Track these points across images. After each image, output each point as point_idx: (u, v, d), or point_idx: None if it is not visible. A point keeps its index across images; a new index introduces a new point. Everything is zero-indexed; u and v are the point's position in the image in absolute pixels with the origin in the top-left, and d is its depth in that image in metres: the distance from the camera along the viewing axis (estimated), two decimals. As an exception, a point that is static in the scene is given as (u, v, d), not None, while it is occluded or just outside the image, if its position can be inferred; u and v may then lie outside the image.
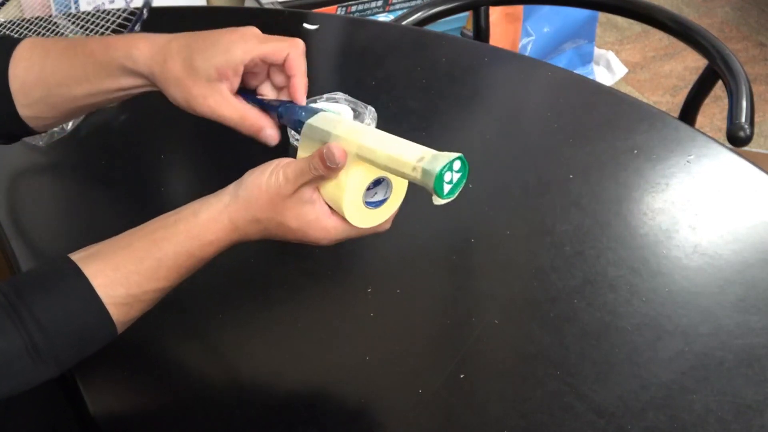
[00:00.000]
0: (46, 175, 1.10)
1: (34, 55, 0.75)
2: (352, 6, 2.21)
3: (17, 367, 0.61)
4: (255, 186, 0.67)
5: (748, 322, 0.85)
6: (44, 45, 0.76)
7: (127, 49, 0.73)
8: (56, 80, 0.75)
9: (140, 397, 0.83)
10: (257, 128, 0.73)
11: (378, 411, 0.80)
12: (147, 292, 0.66)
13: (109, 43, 0.74)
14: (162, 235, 0.67)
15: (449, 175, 0.62)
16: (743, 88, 1.23)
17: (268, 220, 0.67)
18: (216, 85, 0.71)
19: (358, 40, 1.37)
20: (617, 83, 2.63)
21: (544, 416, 0.77)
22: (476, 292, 0.92)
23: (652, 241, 0.95)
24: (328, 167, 0.64)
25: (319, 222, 0.67)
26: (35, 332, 0.61)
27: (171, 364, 0.85)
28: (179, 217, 0.68)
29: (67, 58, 0.75)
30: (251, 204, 0.67)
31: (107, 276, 0.64)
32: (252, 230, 0.68)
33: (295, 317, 0.88)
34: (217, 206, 0.68)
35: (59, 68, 0.75)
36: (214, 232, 0.67)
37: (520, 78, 1.27)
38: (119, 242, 0.67)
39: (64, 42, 0.77)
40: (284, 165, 0.67)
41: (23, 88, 0.75)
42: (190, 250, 0.67)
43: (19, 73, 0.75)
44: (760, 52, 2.75)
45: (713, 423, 0.76)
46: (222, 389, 0.81)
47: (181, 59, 0.71)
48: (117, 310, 0.65)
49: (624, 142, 1.08)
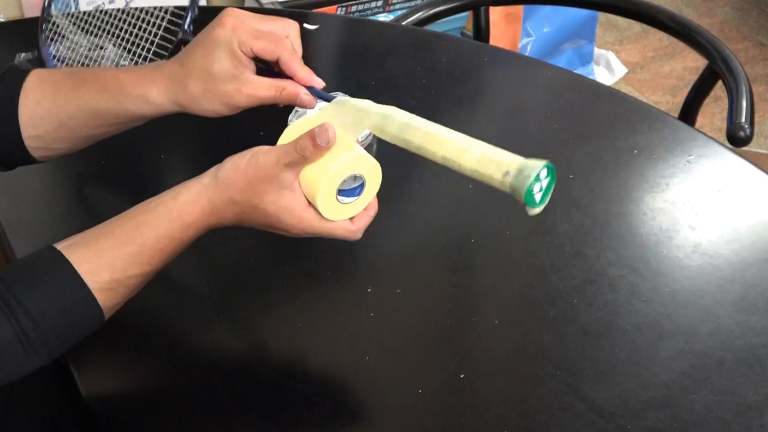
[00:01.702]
0: (45, 174, 1.09)
1: (44, 89, 0.76)
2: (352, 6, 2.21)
3: (9, 356, 0.62)
4: (234, 168, 0.68)
5: (748, 322, 0.85)
6: (54, 79, 0.77)
7: (142, 93, 0.74)
8: (68, 115, 0.75)
9: (140, 395, 0.83)
10: (295, 95, 0.73)
11: (378, 411, 0.80)
12: (130, 277, 0.67)
13: (122, 82, 0.74)
14: (143, 220, 0.68)
15: (538, 186, 0.60)
16: (743, 88, 1.23)
17: (245, 202, 0.68)
18: (241, 77, 0.72)
19: (358, 40, 1.37)
20: (617, 83, 2.63)
21: (544, 416, 0.77)
22: (476, 291, 0.92)
23: (652, 241, 0.95)
24: (317, 146, 0.65)
25: (296, 210, 0.68)
26: (25, 322, 0.62)
27: (171, 363, 0.85)
28: (160, 201, 0.68)
29: (80, 95, 0.75)
30: (230, 185, 0.67)
31: (91, 263, 0.65)
32: (228, 212, 0.69)
33: (295, 317, 0.88)
34: (196, 188, 0.68)
35: (72, 104, 0.75)
36: (193, 213, 0.68)
37: (520, 78, 1.27)
38: (102, 229, 0.68)
39: (75, 77, 0.77)
40: (265, 150, 0.68)
41: (33, 120, 0.76)
42: (170, 234, 0.68)
43: (30, 104, 0.75)
44: (760, 52, 2.76)
45: (713, 423, 0.76)
46: (222, 389, 0.81)
47: (196, 77, 0.72)
48: (103, 296, 0.66)
49: (624, 142, 1.08)
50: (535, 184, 0.60)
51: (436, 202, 1.02)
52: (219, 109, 0.74)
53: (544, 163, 0.60)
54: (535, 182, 0.60)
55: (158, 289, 0.90)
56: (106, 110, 0.75)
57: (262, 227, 0.70)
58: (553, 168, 0.61)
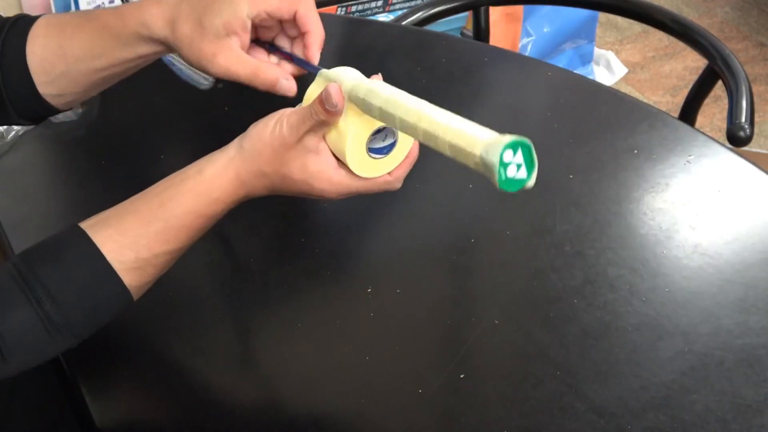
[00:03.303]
0: (45, 174, 1.10)
1: (50, 32, 0.75)
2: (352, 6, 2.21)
3: (32, 338, 0.62)
4: (259, 138, 0.65)
5: (748, 322, 0.85)
6: (59, 21, 0.76)
7: (140, 17, 0.72)
8: (74, 55, 0.74)
9: (140, 397, 0.83)
10: (271, 82, 0.71)
11: (378, 411, 0.80)
12: (158, 255, 0.65)
13: (123, 12, 0.73)
14: (168, 196, 0.66)
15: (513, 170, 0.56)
16: (743, 88, 1.22)
17: (274, 172, 0.65)
18: (225, 42, 0.70)
19: (358, 40, 1.37)
20: (617, 83, 2.62)
21: (544, 416, 0.77)
22: (476, 292, 0.92)
23: (652, 241, 0.95)
24: (328, 111, 0.63)
25: (325, 173, 0.65)
26: (47, 303, 0.61)
27: (171, 364, 0.85)
28: (185, 176, 0.66)
29: (83, 32, 0.74)
30: (256, 157, 0.65)
31: (116, 242, 0.64)
32: (258, 184, 0.67)
33: (295, 317, 0.88)
34: (222, 161, 0.66)
35: (76, 43, 0.74)
36: (220, 188, 0.66)
37: (520, 78, 1.27)
38: (127, 207, 0.66)
39: (79, 16, 0.76)
40: (288, 114, 0.65)
41: (42, 65, 0.74)
42: (197, 209, 0.66)
43: (37, 50, 0.74)
44: (760, 52, 2.75)
45: (713, 423, 0.76)
46: (222, 389, 0.81)
47: (190, 19, 0.70)
48: (129, 276, 0.64)
49: (624, 142, 1.08)
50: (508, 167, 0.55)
51: (436, 202, 1.02)
52: (193, 63, 0.71)
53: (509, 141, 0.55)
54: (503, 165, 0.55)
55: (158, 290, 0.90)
56: (110, 46, 0.73)
57: (296, 195, 0.68)
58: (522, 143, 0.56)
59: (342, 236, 0.98)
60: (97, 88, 0.78)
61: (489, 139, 0.57)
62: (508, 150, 0.55)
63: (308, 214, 1.01)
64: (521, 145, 0.56)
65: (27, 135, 1.11)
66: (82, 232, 0.64)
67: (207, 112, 1.14)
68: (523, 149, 0.56)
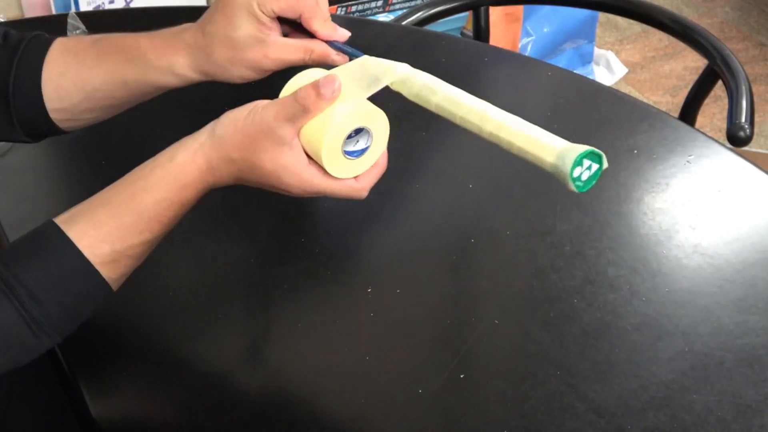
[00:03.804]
0: (45, 174, 1.10)
1: (67, 61, 0.75)
2: (352, 6, 2.21)
3: (15, 337, 0.62)
4: (231, 124, 0.65)
5: (748, 322, 0.85)
6: (77, 49, 0.76)
7: (168, 63, 0.72)
8: (94, 87, 0.75)
9: (140, 397, 0.83)
10: (325, 55, 0.72)
11: (378, 411, 0.80)
12: (132, 247, 0.65)
13: (145, 52, 0.73)
14: (140, 186, 0.66)
15: (579, 170, 0.61)
16: (743, 88, 1.22)
17: (242, 160, 0.65)
18: (266, 40, 0.70)
19: (358, 40, 1.37)
20: (617, 83, 2.63)
21: (544, 416, 0.77)
22: (476, 292, 0.92)
23: (652, 241, 0.95)
24: (321, 96, 0.62)
25: (295, 168, 0.65)
26: (27, 301, 0.61)
27: (171, 364, 0.85)
28: (156, 164, 0.66)
29: (104, 67, 0.74)
30: (226, 142, 0.65)
31: (91, 236, 0.64)
32: (225, 170, 0.66)
33: (295, 317, 0.88)
34: (192, 146, 0.66)
35: (96, 76, 0.74)
36: (190, 174, 0.65)
37: (520, 78, 1.27)
38: (99, 199, 0.66)
39: (97, 47, 0.76)
40: (264, 104, 0.65)
41: (57, 93, 0.75)
42: (168, 197, 0.65)
43: (53, 78, 0.74)
44: (760, 52, 2.75)
45: (713, 423, 0.76)
46: (222, 389, 0.81)
47: (219, 44, 0.70)
48: (106, 268, 0.64)
49: (624, 142, 1.08)
50: (577, 168, 0.61)
51: (436, 202, 1.02)
52: (247, 75, 0.72)
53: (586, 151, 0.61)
54: (576, 166, 0.61)
55: (158, 289, 0.90)
56: (133, 82, 0.74)
57: (261, 186, 0.67)
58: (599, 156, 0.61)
59: (342, 236, 0.98)
60: (111, 114, 0.79)
61: (562, 146, 0.62)
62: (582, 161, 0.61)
63: (308, 214, 1.01)
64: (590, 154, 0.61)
65: (27, 135, 1.11)
66: (58, 229, 0.64)
67: (207, 112, 1.13)
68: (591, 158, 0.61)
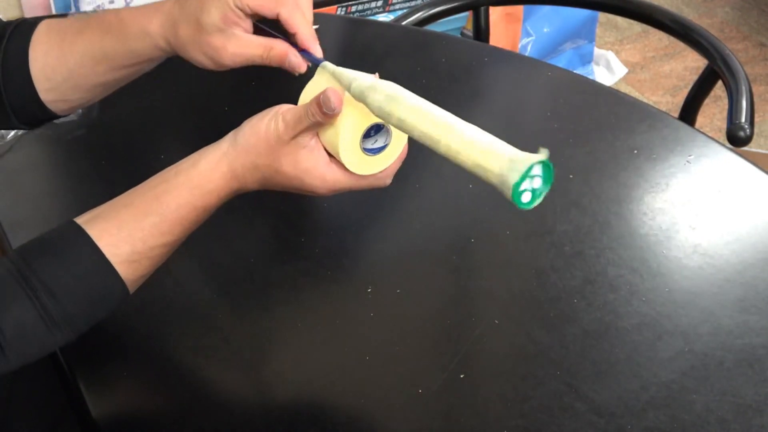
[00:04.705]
0: (45, 174, 1.10)
1: (51, 39, 0.75)
2: (352, 6, 2.21)
3: (31, 332, 0.62)
4: (253, 132, 0.66)
5: (748, 322, 0.85)
6: (60, 27, 0.76)
7: (141, 25, 0.72)
8: (76, 61, 0.75)
9: (140, 397, 0.83)
10: (283, 54, 0.71)
11: (378, 411, 0.80)
12: (153, 248, 0.66)
13: (123, 18, 0.73)
14: (163, 189, 0.67)
15: (527, 184, 0.57)
16: (743, 88, 1.23)
17: (266, 167, 0.66)
18: (230, 32, 0.70)
19: (358, 40, 1.37)
20: (617, 83, 2.63)
21: (544, 416, 0.77)
22: (476, 292, 0.92)
23: (652, 241, 0.95)
24: (325, 113, 0.63)
25: (317, 170, 0.66)
26: (45, 297, 0.62)
27: (171, 364, 0.85)
28: (179, 169, 0.67)
29: (83, 38, 0.74)
30: (249, 150, 0.66)
31: (112, 235, 0.64)
32: (250, 178, 0.67)
33: (295, 317, 0.88)
34: (215, 154, 0.67)
35: (77, 49, 0.74)
36: (214, 181, 0.67)
37: (520, 78, 1.27)
38: (122, 201, 0.67)
39: (79, 21, 0.76)
40: (284, 111, 0.66)
41: (44, 72, 0.75)
42: (191, 202, 0.66)
43: (38, 57, 0.75)
44: (760, 52, 2.75)
45: (713, 423, 0.76)
46: (222, 389, 0.81)
47: (188, 22, 0.70)
48: (125, 269, 0.65)
49: (624, 142, 1.08)
50: (525, 181, 0.56)
51: (436, 202, 1.02)
52: (203, 61, 0.72)
53: (536, 161, 0.56)
54: (523, 179, 0.56)
55: (158, 289, 0.90)
56: (112, 51, 0.74)
57: (287, 190, 0.68)
58: (548, 167, 0.57)
59: (342, 236, 0.98)
60: (99, 94, 0.79)
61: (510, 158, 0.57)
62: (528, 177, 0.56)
63: (308, 213, 1.01)
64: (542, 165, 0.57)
65: (27, 135, 1.11)
66: (78, 227, 0.65)
67: (207, 112, 1.13)
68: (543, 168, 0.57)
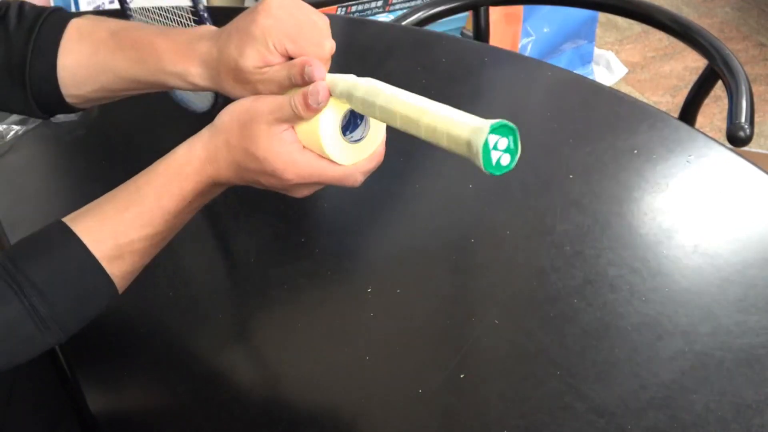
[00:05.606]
0: (45, 174, 1.10)
1: (82, 49, 0.75)
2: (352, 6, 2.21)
3: (22, 333, 0.62)
4: (229, 113, 0.66)
5: (748, 322, 0.85)
6: (92, 39, 0.76)
7: (181, 69, 0.72)
8: (108, 79, 0.75)
9: (140, 397, 0.83)
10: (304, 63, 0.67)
11: (378, 411, 0.80)
12: (134, 241, 0.65)
13: (161, 55, 0.73)
14: (144, 180, 0.67)
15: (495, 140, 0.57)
16: (743, 88, 1.23)
17: (238, 147, 0.65)
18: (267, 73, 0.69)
19: (358, 40, 1.37)
20: (617, 83, 2.63)
21: (544, 416, 0.77)
22: (476, 292, 0.92)
23: (652, 241, 0.95)
24: (309, 107, 0.63)
25: (290, 154, 0.65)
26: (34, 296, 0.61)
27: (171, 363, 0.85)
28: (160, 160, 0.68)
29: (117, 61, 0.75)
30: (222, 130, 0.66)
31: (95, 231, 0.65)
32: (223, 159, 0.66)
33: (295, 317, 0.88)
34: (193, 140, 0.68)
35: (110, 68, 0.75)
36: (189, 163, 0.66)
37: (520, 78, 1.27)
38: (106, 197, 0.68)
39: (113, 40, 0.76)
40: (263, 98, 0.66)
41: (73, 79, 0.76)
42: (169, 189, 0.66)
43: (68, 64, 0.75)
44: (760, 52, 2.76)
45: (713, 423, 0.76)
46: (222, 389, 0.81)
47: (227, 68, 0.70)
48: (110, 264, 0.65)
49: (624, 142, 1.08)
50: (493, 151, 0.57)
51: (436, 202, 1.02)
52: (241, 95, 0.71)
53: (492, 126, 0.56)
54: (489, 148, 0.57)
55: (158, 289, 0.90)
56: (145, 80, 0.74)
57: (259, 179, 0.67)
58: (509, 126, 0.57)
59: (342, 236, 0.98)
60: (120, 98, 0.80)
61: (477, 124, 0.58)
62: (494, 135, 0.57)
63: (308, 213, 1.01)
64: (507, 129, 0.57)
65: (27, 135, 1.11)
66: (64, 225, 0.65)
67: (207, 111, 1.14)
68: (508, 133, 0.58)
